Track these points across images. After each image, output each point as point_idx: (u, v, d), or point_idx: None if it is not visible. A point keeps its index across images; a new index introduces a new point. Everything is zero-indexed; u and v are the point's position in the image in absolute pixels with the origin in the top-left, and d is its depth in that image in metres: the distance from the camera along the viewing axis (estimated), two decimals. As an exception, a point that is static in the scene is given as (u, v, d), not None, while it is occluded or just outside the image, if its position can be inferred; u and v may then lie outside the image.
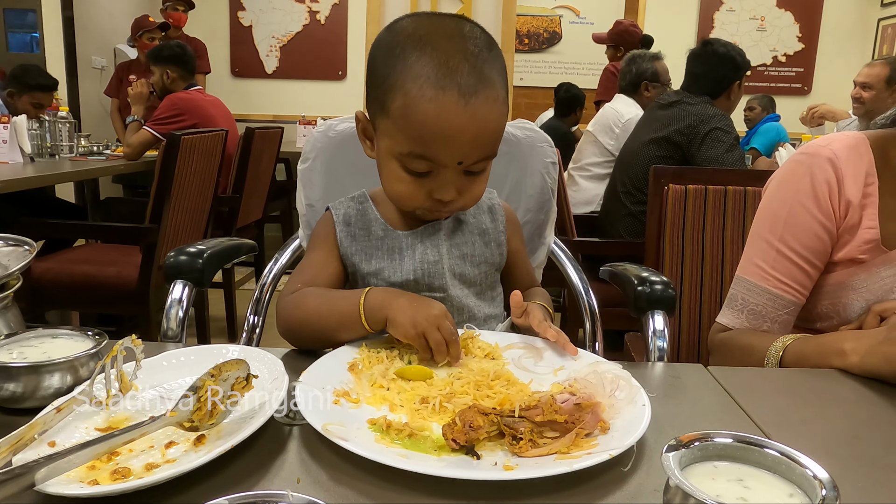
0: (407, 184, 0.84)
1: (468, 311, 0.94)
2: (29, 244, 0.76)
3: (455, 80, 0.78)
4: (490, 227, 0.99)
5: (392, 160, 0.84)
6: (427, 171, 0.82)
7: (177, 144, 2.37)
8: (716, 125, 2.39)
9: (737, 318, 1.07)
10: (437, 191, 0.83)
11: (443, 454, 0.58)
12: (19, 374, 0.63)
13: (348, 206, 0.97)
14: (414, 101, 0.78)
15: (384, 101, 0.81)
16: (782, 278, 1.04)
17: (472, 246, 0.96)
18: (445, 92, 0.77)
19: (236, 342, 3.20)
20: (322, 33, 5.76)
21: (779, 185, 1.08)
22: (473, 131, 0.79)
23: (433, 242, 0.93)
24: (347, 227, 0.95)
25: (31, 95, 3.32)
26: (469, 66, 0.78)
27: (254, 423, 0.57)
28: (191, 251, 1.06)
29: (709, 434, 0.50)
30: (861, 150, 1.03)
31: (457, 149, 0.80)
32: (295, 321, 0.85)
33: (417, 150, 0.80)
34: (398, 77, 0.80)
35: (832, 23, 6.01)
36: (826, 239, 1.03)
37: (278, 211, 4.47)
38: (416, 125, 0.79)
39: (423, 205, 0.86)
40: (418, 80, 0.78)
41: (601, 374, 0.67)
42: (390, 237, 0.94)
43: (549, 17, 6.50)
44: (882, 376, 0.81)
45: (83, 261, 2.50)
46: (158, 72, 3.42)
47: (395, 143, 0.82)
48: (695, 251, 1.48)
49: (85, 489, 0.48)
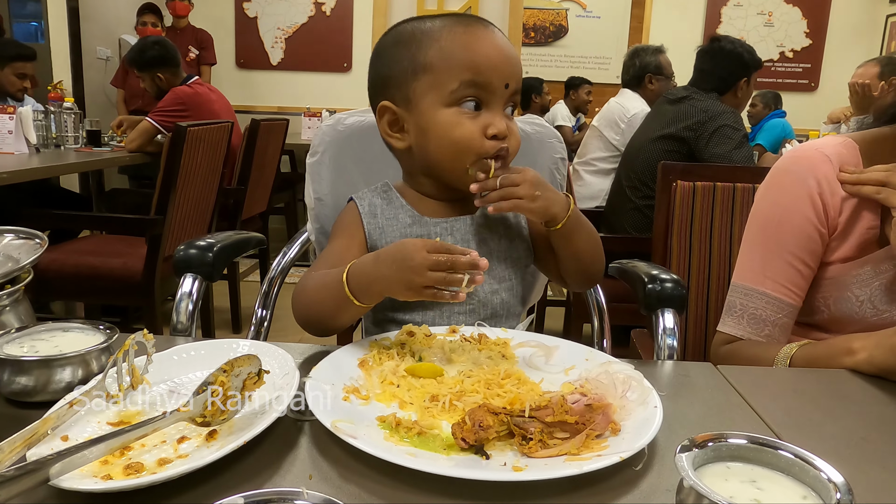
0: (465, 125, 0.86)
1: (492, 306, 0.94)
2: (40, 237, 0.76)
3: (471, 19, 0.90)
4: (513, 222, 0.99)
5: (442, 110, 0.87)
6: (479, 101, 0.87)
7: (183, 136, 2.37)
8: (725, 122, 2.38)
9: (737, 324, 1.07)
10: (492, 124, 0.86)
11: (452, 453, 0.58)
12: (31, 367, 0.63)
13: (373, 197, 0.97)
14: (450, 40, 0.86)
15: (414, 66, 0.88)
16: (779, 281, 1.04)
17: (497, 242, 0.96)
18: (470, 26, 0.88)
19: (241, 334, 3.19)
20: (327, 25, 5.74)
21: (769, 189, 1.09)
22: (507, 51, 0.88)
23: (462, 236, 0.94)
24: (374, 219, 0.94)
25: (11, 67, 3.27)
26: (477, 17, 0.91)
27: (265, 419, 0.57)
28: (201, 244, 1.06)
29: (722, 434, 0.50)
30: (852, 153, 1.04)
31: (501, 66, 0.87)
32: (301, 308, 0.84)
33: (467, 76, 0.85)
34: (422, 41, 0.88)
35: (840, 19, 5.98)
36: (818, 239, 1.03)
37: (282, 203, 4.48)
38: (459, 55, 0.86)
39: (481, 147, 0.87)
40: (443, 28, 0.88)
41: (613, 375, 0.67)
42: (419, 224, 0.94)
43: (556, 11, 6.47)
44: (891, 371, 0.81)
45: (88, 252, 2.51)
46: (148, 77, 3.36)
47: (442, 87, 0.86)
48: (703, 248, 1.48)
49: (99, 484, 0.49)
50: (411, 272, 0.71)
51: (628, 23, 6.44)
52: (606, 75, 6.22)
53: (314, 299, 0.83)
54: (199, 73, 4.82)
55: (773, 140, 4.63)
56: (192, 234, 2.69)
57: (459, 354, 0.77)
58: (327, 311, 0.81)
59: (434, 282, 0.71)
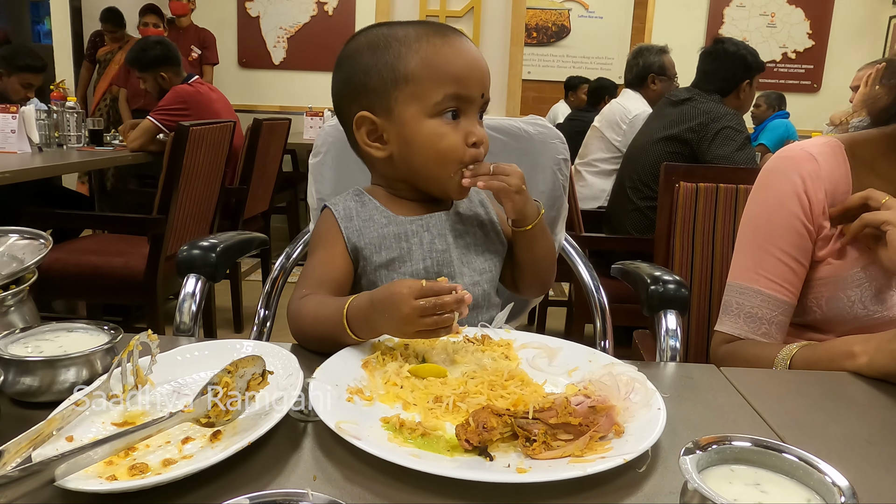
0: (448, 137, 0.89)
1: (475, 300, 0.94)
2: (45, 238, 0.76)
3: (445, 29, 0.91)
4: (486, 218, 1.01)
5: (426, 121, 0.89)
6: (458, 111, 0.89)
7: (185, 136, 2.38)
8: (727, 124, 2.38)
9: (734, 323, 1.08)
10: (471, 132, 0.90)
11: (456, 454, 0.58)
12: (36, 368, 0.63)
13: (346, 201, 0.96)
14: (431, 52, 0.88)
15: (395, 76, 0.88)
16: (772, 278, 1.05)
17: (473, 236, 0.98)
18: (448, 37, 0.90)
19: (243, 333, 3.18)
20: (330, 25, 5.75)
21: (758, 189, 1.11)
22: (483, 62, 0.91)
23: (439, 231, 0.94)
24: (350, 222, 0.94)
25: (19, 76, 3.31)
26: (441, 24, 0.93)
27: (270, 419, 0.57)
28: (204, 245, 1.06)
29: (726, 437, 0.50)
30: (837, 153, 1.06)
31: (478, 76, 0.90)
32: (299, 333, 0.85)
33: (450, 89, 0.88)
34: (401, 51, 0.88)
35: (843, 20, 5.97)
36: (807, 235, 1.05)
37: (284, 202, 4.48)
38: (442, 67, 0.88)
39: (464, 156, 0.90)
40: (420, 38, 0.89)
41: (616, 377, 0.67)
42: (394, 223, 0.94)
43: (558, 11, 6.47)
44: (891, 375, 0.81)
45: (90, 251, 2.51)
46: (151, 77, 3.35)
47: (426, 98, 0.88)
48: (705, 250, 1.48)
49: (104, 485, 0.49)
50: (402, 322, 0.72)
51: (631, 23, 6.44)
52: (608, 76, 6.18)
53: (314, 331, 0.82)
54: (201, 73, 4.84)
55: (776, 140, 4.63)
56: (193, 233, 2.69)
57: (463, 355, 0.77)
58: (328, 342, 0.79)
59: (426, 326, 0.72)
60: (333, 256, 0.92)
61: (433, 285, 0.72)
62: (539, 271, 1.01)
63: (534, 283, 1.03)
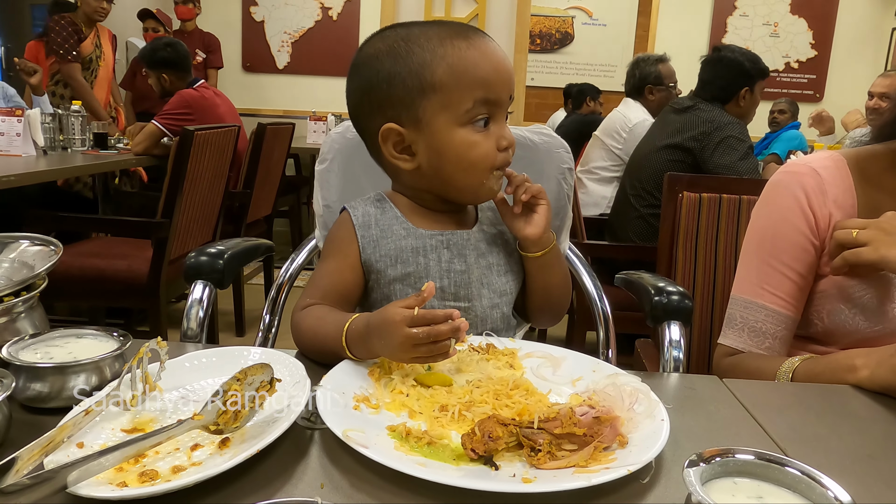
0: (480, 143, 0.87)
1: (491, 321, 0.94)
2: (55, 244, 0.77)
3: (467, 29, 0.87)
4: (510, 236, 0.98)
5: (457, 130, 0.86)
6: (488, 117, 0.87)
7: (190, 140, 2.39)
8: (730, 132, 2.39)
9: (738, 337, 1.08)
10: (501, 136, 0.88)
11: (461, 463, 0.58)
12: (45, 374, 0.64)
13: (366, 207, 0.94)
14: (457, 57, 0.84)
15: (422, 85, 0.85)
16: (776, 293, 1.05)
17: (497, 255, 0.95)
18: (471, 39, 0.86)
19: (245, 337, 3.18)
20: (334, 29, 5.77)
21: (762, 203, 1.11)
22: (508, 62, 0.89)
23: (459, 251, 0.92)
24: (368, 231, 0.92)
25: None
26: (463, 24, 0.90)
27: (278, 427, 0.57)
28: (211, 252, 1.07)
29: (729, 450, 0.50)
30: (840, 168, 1.06)
31: (506, 78, 0.87)
32: (300, 344, 0.85)
33: (480, 94, 0.85)
34: (424, 56, 0.85)
35: (846, 31, 5.99)
36: (812, 250, 1.05)
37: (287, 206, 4.49)
38: (470, 72, 0.84)
39: (496, 161, 0.88)
40: (444, 43, 0.85)
41: (620, 387, 0.68)
42: (414, 236, 0.91)
43: (562, 18, 6.49)
44: (893, 389, 0.81)
45: (94, 254, 2.52)
46: (154, 76, 3.43)
47: (456, 107, 0.85)
48: (708, 260, 1.48)
49: (115, 492, 0.49)
50: (396, 350, 0.71)
51: (634, 31, 6.46)
52: (612, 83, 6.22)
53: (313, 345, 0.82)
54: (205, 77, 4.85)
55: (788, 151, 4.63)
56: (197, 237, 2.70)
57: (468, 364, 0.77)
58: (329, 356, 0.79)
59: (420, 353, 0.71)
60: (343, 269, 0.91)
61: (426, 313, 0.70)
62: (552, 299, 0.99)
63: (546, 310, 1.00)
